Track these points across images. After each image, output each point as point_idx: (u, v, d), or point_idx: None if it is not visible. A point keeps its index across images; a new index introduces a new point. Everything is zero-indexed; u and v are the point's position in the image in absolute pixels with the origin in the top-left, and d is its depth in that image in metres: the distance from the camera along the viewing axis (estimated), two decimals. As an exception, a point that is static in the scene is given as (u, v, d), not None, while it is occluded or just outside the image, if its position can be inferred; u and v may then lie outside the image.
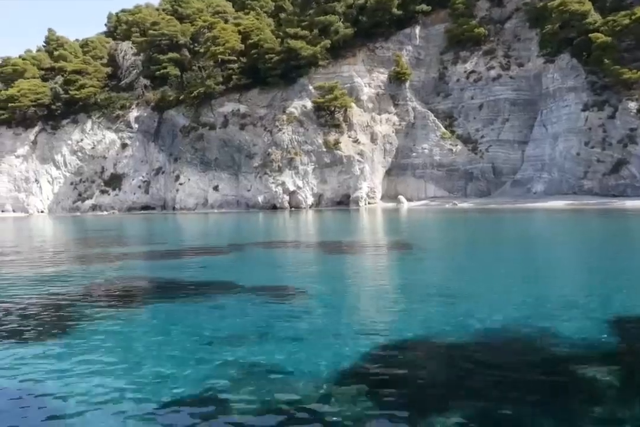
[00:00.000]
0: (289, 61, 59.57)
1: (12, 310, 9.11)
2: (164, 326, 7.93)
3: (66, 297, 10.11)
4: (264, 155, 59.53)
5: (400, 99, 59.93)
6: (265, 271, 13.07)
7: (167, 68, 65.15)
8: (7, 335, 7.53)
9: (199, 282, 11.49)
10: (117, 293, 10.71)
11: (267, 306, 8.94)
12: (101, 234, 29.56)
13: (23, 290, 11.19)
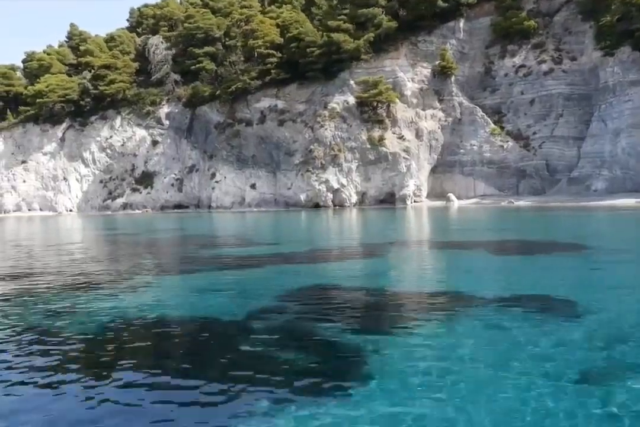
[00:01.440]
0: (331, 55, 57.71)
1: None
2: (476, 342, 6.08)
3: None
4: (305, 152, 57.71)
5: (446, 94, 58.12)
6: (479, 277, 11.25)
7: (202, 62, 63.21)
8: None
9: (441, 292, 9.65)
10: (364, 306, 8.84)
11: (554, 324, 7.03)
12: (191, 233, 27.68)
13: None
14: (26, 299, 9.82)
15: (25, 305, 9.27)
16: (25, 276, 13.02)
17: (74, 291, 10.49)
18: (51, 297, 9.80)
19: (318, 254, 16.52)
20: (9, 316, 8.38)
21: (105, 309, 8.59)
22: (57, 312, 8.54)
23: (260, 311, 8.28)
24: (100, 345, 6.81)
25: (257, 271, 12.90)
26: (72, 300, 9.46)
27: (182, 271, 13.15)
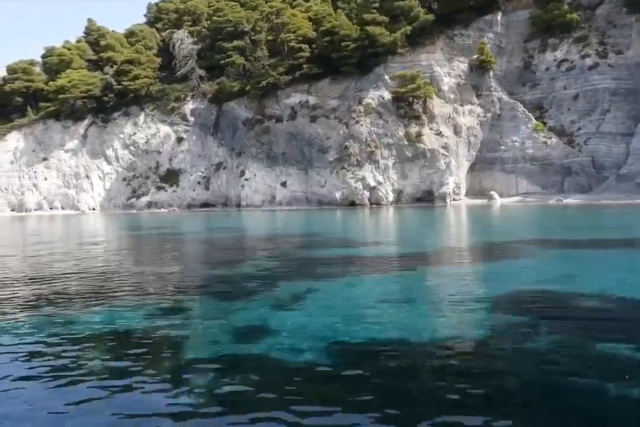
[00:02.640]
0: (366, 49, 56.04)
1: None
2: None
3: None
4: (339, 149, 56.01)
5: (484, 89, 56.46)
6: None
7: (232, 57, 61.44)
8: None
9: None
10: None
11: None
12: (262, 232, 25.98)
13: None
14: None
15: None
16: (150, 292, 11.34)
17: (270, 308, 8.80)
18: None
19: (452, 254, 14.82)
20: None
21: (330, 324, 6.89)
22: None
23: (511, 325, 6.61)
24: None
25: (412, 274, 11.24)
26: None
27: (333, 276, 11.42)
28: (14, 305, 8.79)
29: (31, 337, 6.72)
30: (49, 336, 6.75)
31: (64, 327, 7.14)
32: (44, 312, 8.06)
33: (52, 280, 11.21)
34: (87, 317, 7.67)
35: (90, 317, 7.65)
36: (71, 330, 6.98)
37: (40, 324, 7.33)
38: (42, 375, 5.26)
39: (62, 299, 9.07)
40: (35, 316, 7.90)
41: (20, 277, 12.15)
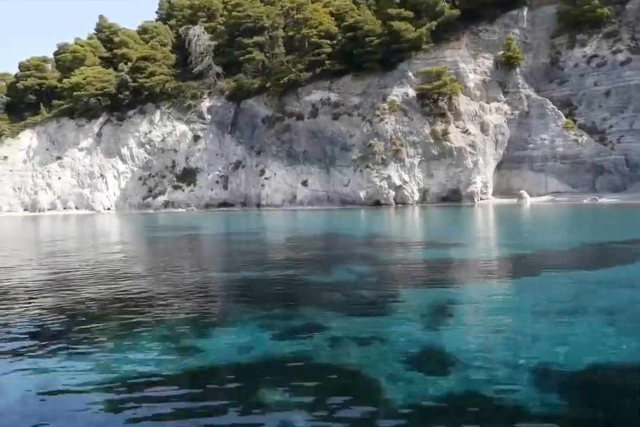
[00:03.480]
0: (390, 44, 54.76)
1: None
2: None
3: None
4: (363, 147, 54.74)
5: (511, 86, 55.15)
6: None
7: (251, 53, 60.13)
8: None
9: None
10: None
11: None
12: (313, 233, 24.67)
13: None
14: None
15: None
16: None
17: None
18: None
19: (559, 255, 13.53)
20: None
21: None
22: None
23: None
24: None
25: (540, 279, 9.97)
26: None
27: (453, 282, 10.15)
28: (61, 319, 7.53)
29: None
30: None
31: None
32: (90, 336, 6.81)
33: (89, 302, 9.93)
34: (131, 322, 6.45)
35: (139, 322, 6.45)
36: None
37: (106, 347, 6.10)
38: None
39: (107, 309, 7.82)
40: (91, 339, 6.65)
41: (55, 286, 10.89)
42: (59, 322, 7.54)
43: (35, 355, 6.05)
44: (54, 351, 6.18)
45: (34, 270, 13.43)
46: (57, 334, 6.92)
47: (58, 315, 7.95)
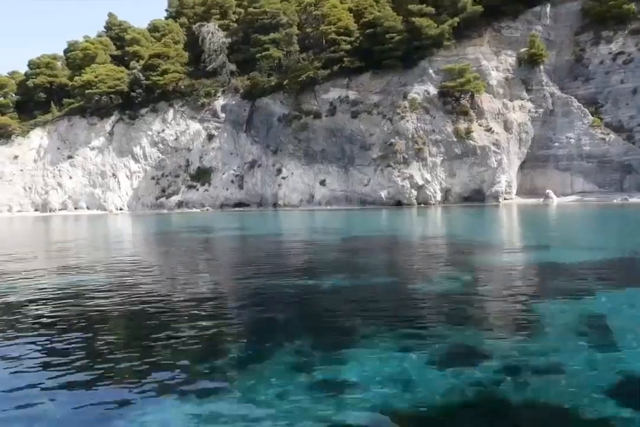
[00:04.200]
0: (411, 41, 53.61)
1: None
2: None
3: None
4: (384, 146, 53.59)
5: (534, 84, 54.00)
6: None
7: (268, 50, 58.94)
8: None
9: None
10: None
11: None
12: (364, 234, 23.41)
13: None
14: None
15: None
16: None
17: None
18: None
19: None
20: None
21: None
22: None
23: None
24: None
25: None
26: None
27: (571, 291, 8.97)
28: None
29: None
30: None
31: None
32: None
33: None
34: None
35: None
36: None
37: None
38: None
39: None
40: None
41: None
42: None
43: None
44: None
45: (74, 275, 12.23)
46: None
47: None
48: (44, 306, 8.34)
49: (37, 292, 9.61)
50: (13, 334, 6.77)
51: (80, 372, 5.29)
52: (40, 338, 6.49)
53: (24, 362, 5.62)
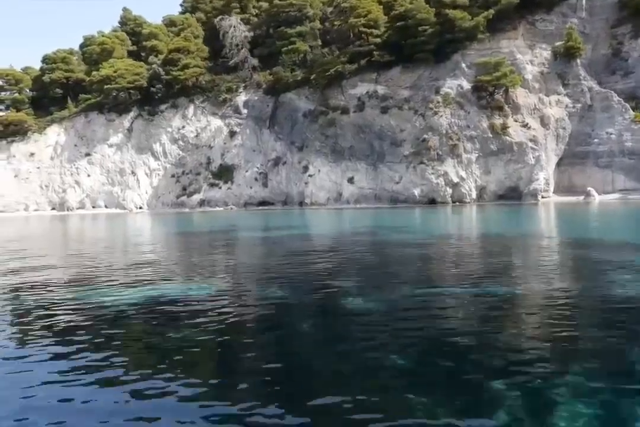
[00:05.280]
0: (444, 34, 51.91)
1: None
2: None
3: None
4: (416, 142, 51.88)
5: (571, 78, 52.28)
6: None
7: (295, 43, 57.19)
8: None
9: None
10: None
11: None
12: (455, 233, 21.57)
13: None
14: None
15: None
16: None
17: None
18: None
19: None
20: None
21: None
22: None
23: None
24: None
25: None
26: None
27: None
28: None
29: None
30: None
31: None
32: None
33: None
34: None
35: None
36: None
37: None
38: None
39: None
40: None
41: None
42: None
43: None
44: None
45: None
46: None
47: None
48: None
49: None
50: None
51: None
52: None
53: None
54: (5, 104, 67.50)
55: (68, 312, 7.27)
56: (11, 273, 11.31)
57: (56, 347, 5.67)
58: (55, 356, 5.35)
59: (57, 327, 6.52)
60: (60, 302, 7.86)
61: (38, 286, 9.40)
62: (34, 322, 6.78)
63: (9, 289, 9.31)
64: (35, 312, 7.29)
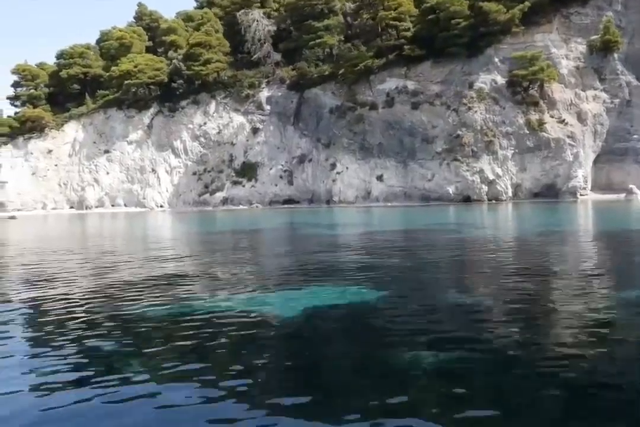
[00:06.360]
0: (478, 28, 50.50)
1: None
2: None
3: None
4: (449, 139, 50.47)
5: (608, 73, 50.89)
6: None
7: (322, 37, 55.74)
8: None
9: None
10: None
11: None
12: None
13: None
14: None
15: None
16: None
17: None
18: None
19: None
20: None
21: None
22: None
23: None
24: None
25: None
26: None
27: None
28: None
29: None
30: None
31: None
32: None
33: None
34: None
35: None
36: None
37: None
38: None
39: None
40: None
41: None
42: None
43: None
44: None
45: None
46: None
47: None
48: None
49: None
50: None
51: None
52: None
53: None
54: (21, 100, 65.95)
55: (196, 322, 5.81)
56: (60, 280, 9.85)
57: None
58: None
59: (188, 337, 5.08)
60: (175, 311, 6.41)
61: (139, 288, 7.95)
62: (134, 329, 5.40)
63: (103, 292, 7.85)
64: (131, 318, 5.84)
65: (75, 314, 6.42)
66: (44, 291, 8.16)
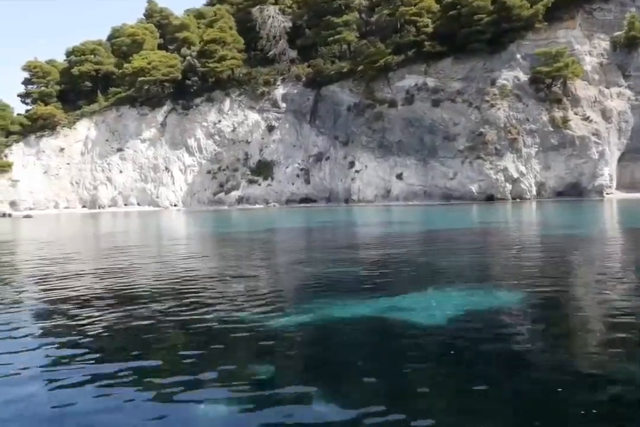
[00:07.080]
0: (501, 23, 49.64)
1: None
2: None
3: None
4: (471, 136, 49.63)
5: (632, 70, 50.09)
6: None
7: (341, 33, 54.85)
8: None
9: None
10: None
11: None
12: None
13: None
14: None
15: None
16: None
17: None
18: None
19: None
20: None
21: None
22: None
23: None
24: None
25: None
26: None
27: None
28: None
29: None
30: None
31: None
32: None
33: None
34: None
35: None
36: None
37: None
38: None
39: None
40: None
41: None
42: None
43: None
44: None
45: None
46: None
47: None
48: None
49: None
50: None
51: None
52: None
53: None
54: (32, 98, 64.94)
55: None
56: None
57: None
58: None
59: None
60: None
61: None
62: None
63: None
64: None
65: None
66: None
